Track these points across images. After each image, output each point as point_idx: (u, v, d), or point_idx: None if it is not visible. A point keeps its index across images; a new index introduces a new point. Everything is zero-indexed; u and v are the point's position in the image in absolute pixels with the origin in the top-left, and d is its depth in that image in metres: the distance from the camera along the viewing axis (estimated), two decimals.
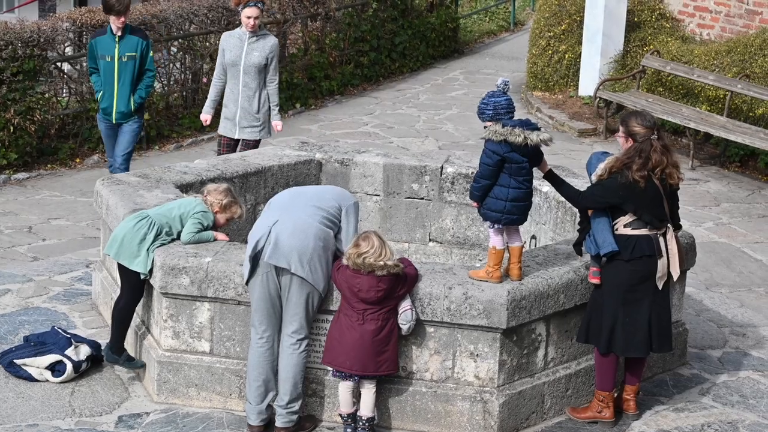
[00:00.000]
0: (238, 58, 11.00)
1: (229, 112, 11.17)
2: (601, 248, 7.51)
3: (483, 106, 7.35)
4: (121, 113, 11.17)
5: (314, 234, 7.24)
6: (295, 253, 7.18)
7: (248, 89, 11.06)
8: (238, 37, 11.07)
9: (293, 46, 18.10)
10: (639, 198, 7.46)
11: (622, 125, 7.61)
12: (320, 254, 7.25)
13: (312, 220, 7.28)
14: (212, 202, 7.99)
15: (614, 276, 7.57)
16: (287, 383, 7.37)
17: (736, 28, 16.90)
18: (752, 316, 9.94)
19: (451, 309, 7.38)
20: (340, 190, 7.75)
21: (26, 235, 11.47)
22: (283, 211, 7.34)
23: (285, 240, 7.19)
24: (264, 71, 11.08)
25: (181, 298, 7.74)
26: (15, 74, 13.44)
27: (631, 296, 7.57)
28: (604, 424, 7.81)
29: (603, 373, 7.77)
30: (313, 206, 7.36)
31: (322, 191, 7.70)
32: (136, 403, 7.87)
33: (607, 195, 7.51)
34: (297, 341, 7.35)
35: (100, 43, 11.16)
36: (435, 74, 20.53)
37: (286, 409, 7.40)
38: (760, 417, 8.10)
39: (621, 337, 7.60)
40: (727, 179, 14.38)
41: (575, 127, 16.43)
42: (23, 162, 13.69)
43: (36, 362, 8.08)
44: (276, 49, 11.09)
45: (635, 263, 7.52)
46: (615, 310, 7.58)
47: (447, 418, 7.59)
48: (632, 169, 7.40)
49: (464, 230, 10.03)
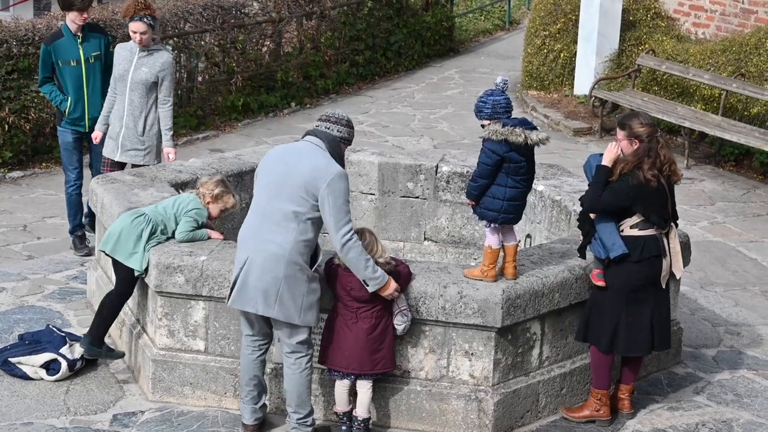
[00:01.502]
0: (126, 72, 9.88)
1: (112, 131, 10.06)
2: (610, 251, 7.47)
3: (481, 104, 7.33)
4: (94, 119, 10.32)
5: (285, 264, 6.95)
6: (260, 295, 7.01)
7: (134, 107, 9.90)
8: (129, 49, 9.95)
9: (288, 44, 18.10)
10: (648, 198, 7.44)
11: (624, 129, 7.53)
12: (292, 284, 6.98)
13: (285, 245, 6.93)
14: (204, 193, 7.98)
15: (621, 277, 7.54)
16: (295, 400, 7.27)
17: (732, 27, 16.91)
18: (747, 314, 9.95)
19: (446, 308, 7.38)
20: (323, 165, 7.00)
21: (21, 233, 11.46)
22: (256, 238, 7.02)
23: (252, 282, 7.01)
24: (154, 90, 9.92)
25: (176, 297, 7.73)
26: (10, 73, 13.43)
27: (635, 296, 7.56)
28: (600, 422, 7.82)
29: (600, 372, 7.77)
30: (291, 212, 6.94)
31: (302, 179, 6.97)
32: (131, 402, 7.86)
33: (618, 199, 7.45)
34: (296, 360, 7.22)
35: (59, 47, 10.35)
36: (430, 73, 20.52)
37: (299, 423, 7.32)
38: (754, 416, 8.10)
39: (624, 337, 7.59)
40: (722, 178, 14.39)
41: (570, 126, 16.43)
42: (18, 160, 13.67)
43: (31, 360, 8.07)
44: (170, 67, 9.93)
45: (643, 264, 7.51)
46: (618, 311, 7.56)
47: (442, 417, 7.59)
48: (644, 169, 7.38)
49: (459, 229, 10.03)
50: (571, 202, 8.97)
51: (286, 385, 7.28)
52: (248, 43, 16.89)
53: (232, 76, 16.43)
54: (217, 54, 16.43)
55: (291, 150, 7.18)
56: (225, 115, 16.37)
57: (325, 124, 7.19)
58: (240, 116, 16.51)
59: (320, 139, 7.12)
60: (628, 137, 7.51)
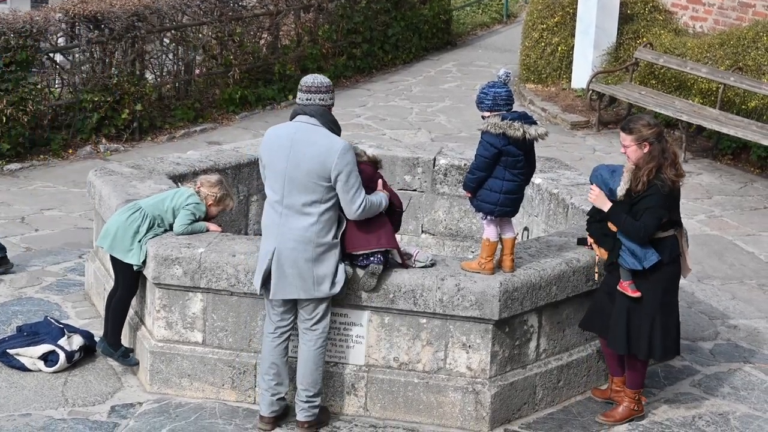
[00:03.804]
0: None
1: None
2: (645, 261, 7.37)
3: (482, 96, 7.34)
4: None
5: (314, 246, 7.11)
6: (298, 280, 7.14)
7: None
8: None
9: (286, 37, 18.09)
10: (674, 200, 7.42)
11: (632, 133, 7.37)
12: (324, 262, 7.15)
13: (311, 229, 7.09)
14: (206, 194, 8.00)
15: (655, 282, 7.46)
16: (308, 377, 7.34)
17: (729, 21, 16.91)
18: (744, 308, 9.97)
19: (443, 300, 7.39)
20: (326, 146, 7.07)
21: (19, 225, 11.46)
22: (281, 228, 7.13)
23: (288, 270, 7.13)
24: None
25: (173, 289, 7.74)
26: (7, 65, 13.41)
27: (667, 299, 7.54)
28: (638, 418, 7.83)
29: (637, 374, 7.75)
30: (310, 201, 7.06)
31: (311, 167, 7.05)
32: (129, 393, 7.88)
33: (661, 215, 7.34)
34: (314, 336, 7.31)
35: None
36: (428, 66, 20.52)
37: (308, 403, 7.38)
38: (751, 408, 8.12)
39: (659, 343, 7.54)
40: (719, 172, 14.40)
41: (568, 120, 16.44)
42: (16, 152, 13.65)
43: (29, 352, 8.08)
44: None
45: (672, 265, 7.49)
46: (653, 316, 7.50)
47: (439, 409, 7.60)
48: (667, 173, 7.32)
49: (457, 222, 10.04)
50: (568, 195, 8.98)
51: (300, 362, 7.35)
52: (246, 36, 16.87)
53: (229, 68, 16.41)
54: (215, 47, 16.42)
55: (289, 136, 7.17)
56: (223, 108, 16.37)
57: (306, 96, 7.25)
58: (238, 109, 16.51)
59: (311, 116, 7.18)
60: (637, 141, 7.38)
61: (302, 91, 7.26)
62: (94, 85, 14.38)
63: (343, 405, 7.69)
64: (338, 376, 7.64)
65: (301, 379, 7.37)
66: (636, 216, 7.33)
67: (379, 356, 7.64)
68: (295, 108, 7.31)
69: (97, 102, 14.33)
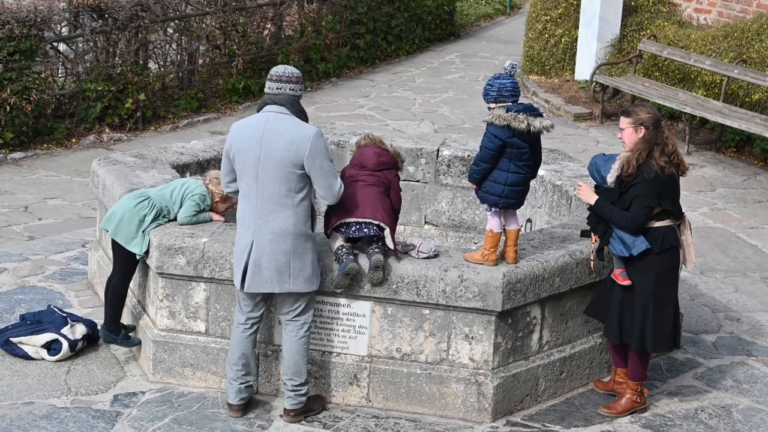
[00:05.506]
0: None
1: None
2: (633, 248, 7.39)
3: (488, 87, 7.34)
4: None
5: (292, 238, 7.11)
6: (274, 274, 7.13)
7: None
8: None
9: (290, 28, 18.08)
10: (667, 188, 7.39)
11: (629, 116, 7.45)
12: (301, 255, 7.15)
13: (288, 220, 7.08)
14: (214, 191, 7.99)
15: (645, 271, 7.48)
16: (292, 368, 7.37)
17: (734, 13, 16.90)
18: (747, 301, 9.97)
19: (446, 291, 7.39)
20: (297, 134, 7.05)
21: (22, 214, 11.47)
22: (257, 221, 7.10)
23: (265, 264, 7.12)
24: None
25: (177, 278, 7.75)
26: (11, 54, 13.42)
27: (660, 290, 7.52)
28: (640, 411, 7.82)
29: (640, 366, 7.75)
30: (285, 190, 7.04)
31: (283, 155, 7.02)
32: (132, 382, 7.88)
33: (649, 203, 7.35)
34: (296, 327, 7.34)
35: None
36: (431, 57, 20.51)
37: (294, 391, 7.41)
38: (753, 401, 8.13)
39: (651, 333, 7.54)
40: (722, 164, 14.40)
41: (571, 111, 16.43)
42: (19, 141, 13.67)
43: (32, 341, 8.09)
44: None
45: (664, 255, 7.47)
46: (645, 306, 7.51)
47: (441, 400, 7.61)
48: (655, 157, 7.33)
49: (460, 213, 10.04)
50: (572, 187, 8.98)
51: (285, 352, 7.39)
52: (249, 26, 16.87)
53: (233, 58, 16.41)
54: (219, 37, 16.43)
55: (260, 126, 7.11)
56: (226, 98, 16.37)
57: (277, 85, 7.17)
58: (241, 99, 16.52)
59: (281, 105, 7.14)
60: (633, 124, 7.43)
61: (272, 81, 7.19)
62: (98, 74, 14.38)
63: (346, 395, 7.70)
64: (341, 367, 7.65)
65: (286, 369, 7.41)
66: (625, 204, 7.38)
67: (382, 347, 7.65)
68: (264, 98, 7.27)
69: (100, 91, 14.35)
